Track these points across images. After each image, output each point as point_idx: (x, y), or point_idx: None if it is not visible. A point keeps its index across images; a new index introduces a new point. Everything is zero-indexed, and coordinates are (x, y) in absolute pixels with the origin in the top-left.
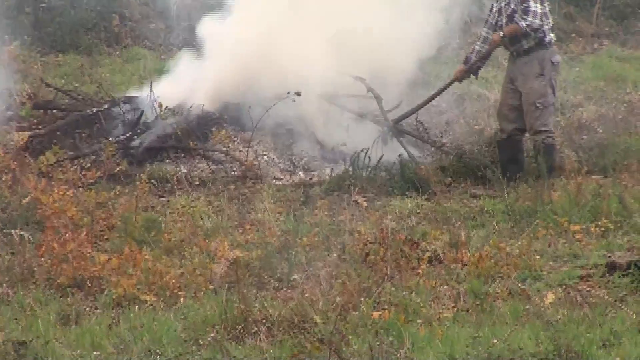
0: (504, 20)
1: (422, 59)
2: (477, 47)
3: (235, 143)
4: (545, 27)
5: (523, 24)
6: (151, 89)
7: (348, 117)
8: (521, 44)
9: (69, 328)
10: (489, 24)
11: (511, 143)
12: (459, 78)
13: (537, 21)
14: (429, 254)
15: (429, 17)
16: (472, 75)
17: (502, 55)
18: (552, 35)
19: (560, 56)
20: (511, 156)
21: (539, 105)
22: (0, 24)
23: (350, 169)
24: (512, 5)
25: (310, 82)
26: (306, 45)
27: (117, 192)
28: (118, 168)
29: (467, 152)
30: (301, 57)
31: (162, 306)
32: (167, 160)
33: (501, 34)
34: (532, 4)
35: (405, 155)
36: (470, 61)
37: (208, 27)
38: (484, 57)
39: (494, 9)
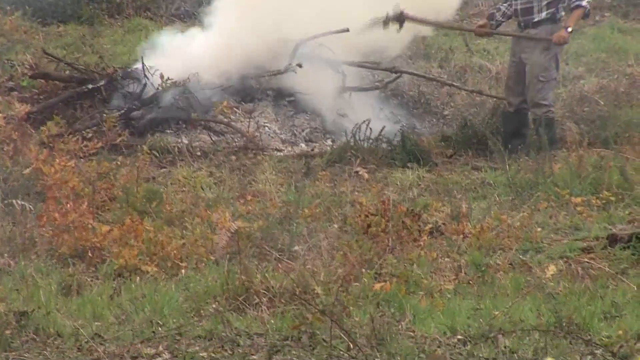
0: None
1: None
2: (502, 8)
3: (237, 114)
4: (560, 4)
5: (585, 3)
6: (143, 62)
7: (349, 88)
8: (532, 16)
9: (70, 298)
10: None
11: (518, 117)
12: (480, 33)
13: None
14: (430, 225)
15: None
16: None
17: (506, 26)
18: (562, 11)
19: None
20: (516, 129)
21: (541, 78)
22: None
23: (352, 140)
24: None
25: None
26: (309, 12)
27: (119, 163)
28: (119, 139)
29: (468, 123)
30: (303, 25)
31: (163, 277)
32: (169, 131)
33: (569, 30)
34: None
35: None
36: (494, 18)
37: None
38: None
39: None
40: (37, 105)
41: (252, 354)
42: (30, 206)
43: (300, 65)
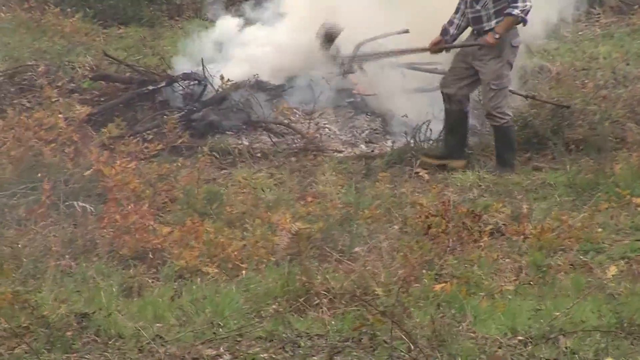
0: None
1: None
2: (455, 20)
3: (297, 115)
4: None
5: (517, 12)
6: (203, 63)
7: (410, 89)
8: (482, 25)
9: (131, 300)
10: (460, 11)
11: (455, 112)
12: (433, 50)
13: (529, 4)
14: (490, 226)
15: None
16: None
17: (563, 28)
18: (523, 15)
19: (521, 38)
20: (453, 125)
21: (493, 86)
22: None
23: (412, 141)
24: None
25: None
26: (370, 12)
27: (179, 164)
28: (180, 140)
29: (528, 123)
30: (363, 25)
31: (224, 278)
32: (229, 133)
33: (496, 36)
34: None
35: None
36: (448, 34)
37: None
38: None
39: None
40: (97, 107)
41: (313, 355)
42: (91, 208)
43: (360, 68)
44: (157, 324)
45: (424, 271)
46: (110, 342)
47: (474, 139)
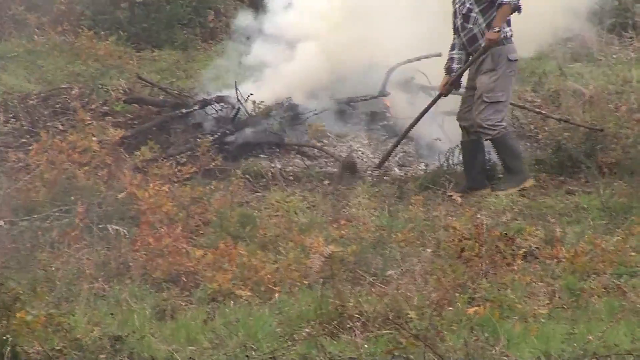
0: (460, 21)
1: None
2: (455, 56)
3: (330, 138)
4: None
5: None
6: (236, 86)
7: (442, 112)
8: (479, 42)
9: (164, 323)
10: (456, 46)
11: (472, 144)
12: (445, 92)
13: None
14: (524, 250)
15: None
16: (454, 90)
17: (597, 52)
18: (507, 29)
19: (518, 54)
20: (471, 157)
21: (485, 99)
22: (96, 19)
23: (445, 164)
24: (467, 5)
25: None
26: (398, 33)
27: (213, 187)
28: (213, 163)
29: (562, 147)
30: (392, 46)
31: (257, 301)
32: (262, 156)
33: (496, 29)
34: None
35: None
36: (453, 70)
37: (293, 20)
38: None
39: (455, 12)
40: (131, 130)
41: None
42: (125, 231)
43: (388, 94)
44: (190, 347)
45: (457, 294)
46: None
47: None
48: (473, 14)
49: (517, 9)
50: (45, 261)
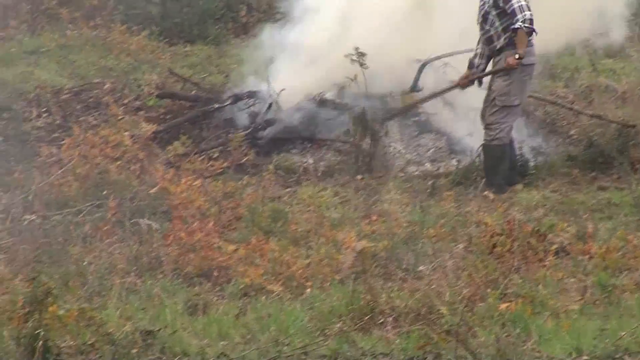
0: (480, 19)
1: None
2: (478, 51)
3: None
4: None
5: (519, 24)
6: (269, 81)
7: (475, 108)
8: (494, 44)
9: (196, 318)
10: (479, 25)
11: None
12: (462, 85)
13: (528, 13)
14: (555, 246)
15: None
16: (476, 83)
17: (629, 48)
18: (527, 24)
19: (536, 57)
20: (494, 162)
21: (497, 102)
22: (129, 14)
23: (477, 160)
24: (486, 7)
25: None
26: (434, 31)
27: (244, 182)
28: (245, 158)
29: (594, 143)
30: (425, 43)
31: (288, 296)
32: (294, 151)
33: (517, 57)
34: (514, 1)
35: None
36: (474, 66)
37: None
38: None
39: (479, 9)
40: (163, 125)
41: None
42: (157, 225)
43: (420, 89)
44: (222, 342)
45: (488, 290)
46: None
47: (540, 159)
48: (490, 17)
49: (531, 32)
50: (77, 255)
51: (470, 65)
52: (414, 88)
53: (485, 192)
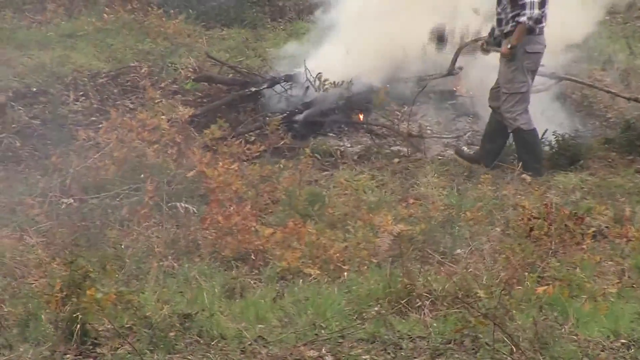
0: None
1: None
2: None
3: (399, 117)
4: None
5: (524, 19)
6: (305, 65)
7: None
8: (502, 27)
9: (233, 301)
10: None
11: (496, 122)
12: (482, 48)
13: (536, 11)
14: (593, 229)
15: None
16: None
17: None
18: (531, 23)
19: (543, 45)
20: (492, 133)
21: (504, 90)
22: None
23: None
24: None
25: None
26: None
27: (281, 166)
28: (282, 142)
29: (631, 126)
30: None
31: (326, 280)
32: (331, 135)
33: (509, 46)
34: None
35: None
36: (493, 35)
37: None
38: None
39: None
40: (200, 109)
41: (415, 358)
42: (194, 209)
43: (459, 69)
44: (259, 325)
45: (526, 274)
46: (212, 343)
47: (579, 141)
48: (504, 1)
49: (533, 29)
50: (115, 239)
51: (491, 32)
52: (452, 71)
53: (523, 175)
